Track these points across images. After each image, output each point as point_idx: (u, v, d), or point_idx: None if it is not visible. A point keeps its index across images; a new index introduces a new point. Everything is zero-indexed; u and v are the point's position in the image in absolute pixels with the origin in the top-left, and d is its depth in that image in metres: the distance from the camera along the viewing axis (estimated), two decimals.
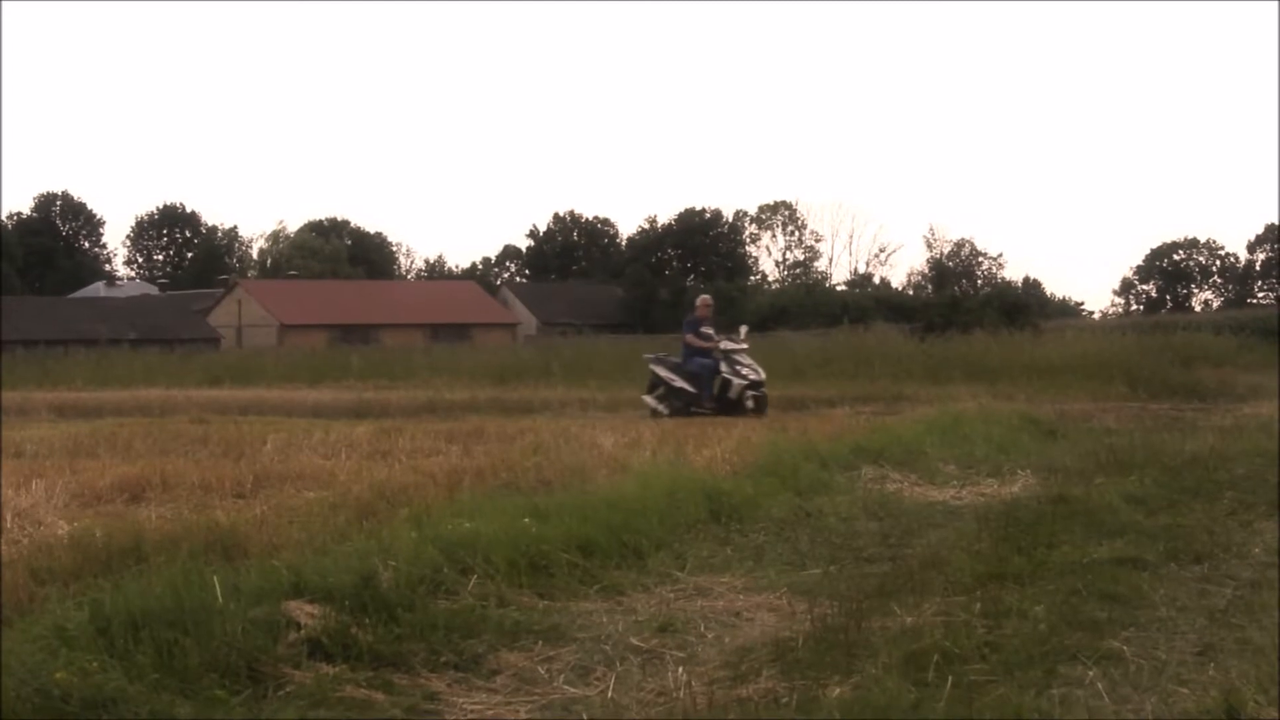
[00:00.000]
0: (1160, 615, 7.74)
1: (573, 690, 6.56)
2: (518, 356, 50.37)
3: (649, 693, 6.46)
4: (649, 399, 25.76)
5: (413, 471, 13.24)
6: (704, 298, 28.24)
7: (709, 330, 25.59)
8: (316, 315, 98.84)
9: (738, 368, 24.89)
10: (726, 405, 24.58)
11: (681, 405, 24.86)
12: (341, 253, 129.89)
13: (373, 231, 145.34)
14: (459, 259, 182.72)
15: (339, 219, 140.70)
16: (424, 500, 10.89)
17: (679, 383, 25.23)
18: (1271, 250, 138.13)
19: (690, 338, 25.52)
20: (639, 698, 6.39)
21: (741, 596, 8.56)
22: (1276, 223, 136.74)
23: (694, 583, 8.95)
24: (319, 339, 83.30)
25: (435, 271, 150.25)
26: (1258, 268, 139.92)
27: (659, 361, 25.94)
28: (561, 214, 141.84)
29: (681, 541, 10.17)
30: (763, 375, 25.20)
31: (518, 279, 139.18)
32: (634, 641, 7.36)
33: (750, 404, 24.57)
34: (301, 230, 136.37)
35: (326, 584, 7.44)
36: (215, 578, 7.22)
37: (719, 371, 24.98)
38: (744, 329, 27.28)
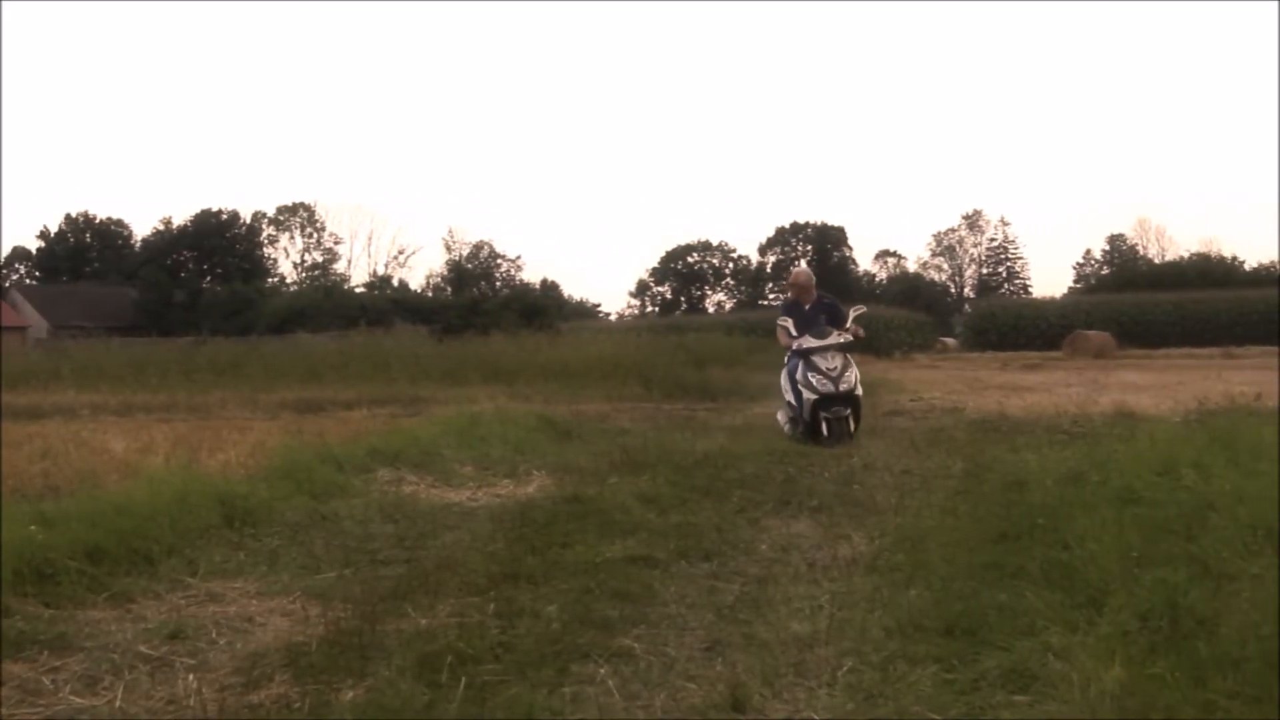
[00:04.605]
0: (670, 612, 7.93)
1: (79, 700, 6.36)
2: (27, 360, 48.72)
3: (158, 701, 6.33)
4: (780, 415, 19.02)
5: None
6: (796, 270, 21.55)
7: (786, 322, 18.59)
8: None
9: (810, 375, 17.68)
10: (808, 427, 17.70)
11: (791, 424, 18.37)
12: None
13: None
14: None
15: None
16: None
17: (788, 394, 18.29)
18: (781, 254, 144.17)
19: (779, 332, 18.79)
20: (148, 706, 6.26)
21: (254, 601, 8.44)
22: (786, 226, 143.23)
23: (206, 588, 8.78)
24: None
25: None
26: (769, 270, 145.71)
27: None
28: (74, 215, 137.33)
29: (194, 547, 9.93)
30: (849, 384, 17.61)
31: (27, 281, 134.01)
32: (143, 649, 7.18)
33: (824, 429, 17.41)
34: None
35: None
36: None
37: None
38: (853, 312, 18.88)
